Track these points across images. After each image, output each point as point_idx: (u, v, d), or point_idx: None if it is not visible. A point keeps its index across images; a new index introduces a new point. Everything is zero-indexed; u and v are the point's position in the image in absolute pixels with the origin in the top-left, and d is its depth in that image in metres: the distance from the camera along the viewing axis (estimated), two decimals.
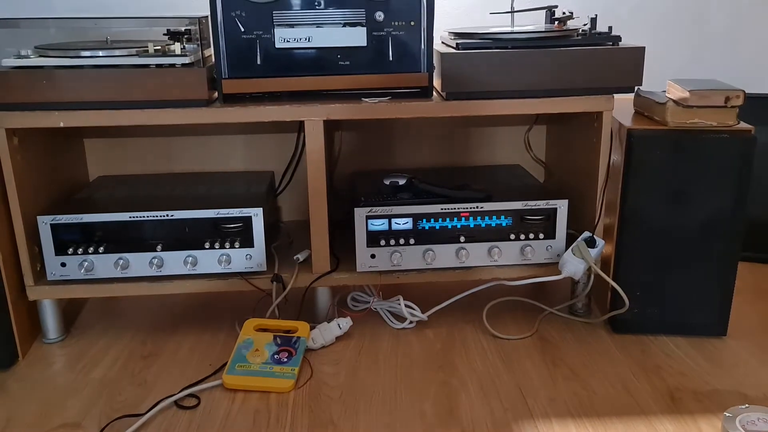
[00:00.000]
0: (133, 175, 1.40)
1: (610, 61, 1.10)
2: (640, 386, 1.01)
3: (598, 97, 1.11)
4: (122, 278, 1.14)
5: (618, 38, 1.12)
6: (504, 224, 1.17)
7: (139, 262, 1.13)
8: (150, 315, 1.27)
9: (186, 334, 1.19)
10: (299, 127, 1.12)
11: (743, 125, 1.07)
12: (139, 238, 1.13)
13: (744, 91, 1.05)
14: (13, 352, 1.11)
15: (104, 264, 1.12)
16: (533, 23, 1.28)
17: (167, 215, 1.12)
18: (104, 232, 1.12)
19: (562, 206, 1.17)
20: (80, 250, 1.11)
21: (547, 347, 1.13)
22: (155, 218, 1.12)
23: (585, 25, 1.18)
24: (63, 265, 1.12)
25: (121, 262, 1.12)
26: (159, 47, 1.11)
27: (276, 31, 1.08)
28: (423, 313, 1.20)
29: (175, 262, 1.14)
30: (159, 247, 1.13)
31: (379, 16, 1.09)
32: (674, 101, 1.08)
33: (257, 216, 1.14)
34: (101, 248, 1.12)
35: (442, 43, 1.24)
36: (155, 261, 1.13)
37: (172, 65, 1.08)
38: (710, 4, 1.52)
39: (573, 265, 1.12)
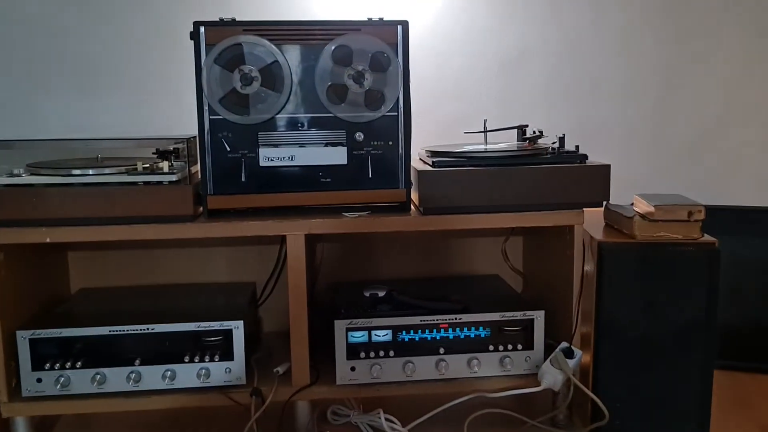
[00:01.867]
0: (115, 287, 1.41)
1: (578, 178, 1.16)
2: None
3: (569, 212, 1.16)
4: (98, 393, 1.12)
5: (585, 156, 1.19)
6: (483, 335, 1.19)
7: (116, 377, 1.12)
8: (125, 431, 1.24)
9: None
10: (282, 239, 1.16)
11: (707, 238, 1.12)
12: (118, 352, 1.12)
13: (704, 206, 1.11)
14: None
15: (81, 379, 1.11)
16: (505, 141, 1.36)
17: (147, 329, 1.13)
18: (83, 346, 1.12)
19: (538, 317, 1.19)
20: (57, 365, 1.10)
21: None
22: (135, 332, 1.13)
23: (554, 143, 1.26)
24: (39, 380, 1.11)
25: (98, 377, 1.11)
26: (148, 165, 1.15)
27: (261, 150, 1.13)
28: (404, 426, 1.18)
29: (153, 376, 1.13)
30: (137, 362, 1.12)
31: (359, 136, 1.15)
32: (641, 215, 1.13)
33: (238, 329, 1.14)
34: (79, 363, 1.11)
35: (420, 159, 1.30)
36: (133, 375, 1.12)
37: (160, 182, 1.12)
38: (676, 120, 1.62)
39: (552, 376, 1.13)
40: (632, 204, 1.20)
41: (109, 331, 1.12)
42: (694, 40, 1.60)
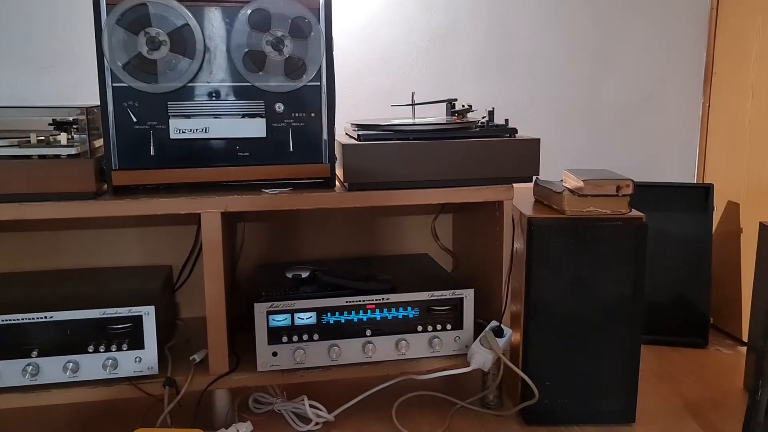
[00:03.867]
0: (11, 272, 1.29)
1: (508, 152, 1.13)
2: None
3: (498, 187, 1.13)
4: None
5: (514, 130, 1.16)
6: (411, 315, 1.14)
7: (10, 371, 1.02)
8: (24, 430, 1.13)
9: None
10: (198, 219, 1.08)
11: (635, 213, 1.11)
12: (13, 344, 1.02)
13: (633, 180, 1.10)
14: None
15: None
16: (434, 116, 1.31)
17: (45, 317, 1.03)
18: None
19: (468, 296, 1.15)
20: None
21: None
22: (31, 321, 1.02)
23: (483, 117, 1.22)
24: None
25: None
26: (43, 137, 1.05)
27: (171, 121, 1.04)
28: (329, 413, 1.13)
29: (53, 368, 1.03)
30: (35, 353, 1.02)
31: (279, 107, 1.08)
32: (570, 190, 1.11)
33: (149, 315, 1.06)
34: None
35: (345, 134, 1.24)
36: (30, 369, 1.02)
37: (57, 156, 1.01)
38: (605, 97, 1.62)
39: (481, 356, 1.10)
40: (562, 180, 1.18)
41: (2, 321, 1.02)
42: (624, 16, 1.60)
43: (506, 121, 1.19)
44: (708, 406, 1.21)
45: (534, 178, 1.18)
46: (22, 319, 1.02)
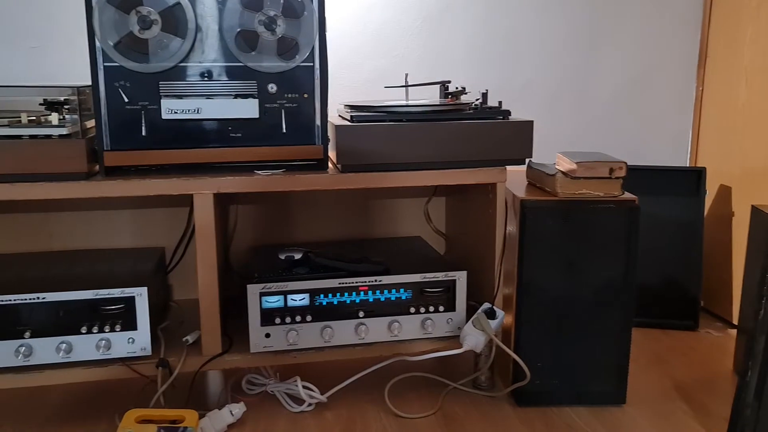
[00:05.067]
0: (5, 254, 1.29)
1: (501, 135, 1.13)
2: None
3: (491, 169, 1.13)
4: None
5: (507, 112, 1.16)
6: (404, 297, 1.15)
7: (3, 352, 1.02)
8: (17, 411, 1.14)
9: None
10: (191, 200, 1.08)
11: (628, 195, 1.11)
12: (6, 324, 1.02)
13: (626, 162, 1.10)
14: None
15: None
16: (427, 98, 1.31)
17: (38, 297, 1.02)
18: None
19: (460, 278, 1.16)
20: None
21: (451, 424, 1.09)
22: (24, 301, 1.02)
23: (477, 99, 1.22)
24: None
25: None
26: (34, 117, 1.04)
27: (163, 101, 1.04)
28: (322, 394, 1.13)
29: (45, 349, 1.03)
30: (27, 334, 1.02)
31: (272, 88, 1.07)
32: (563, 173, 1.11)
33: (141, 296, 1.06)
34: None
35: (339, 116, 1.23)
36: (22, 350, 1.02)
37: (48, 136, 1.01)
38: (598, 80, 1.62)
39: (474, 338, 1.10)
40: (555, 162, 1.18)
41: None
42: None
43: (500, 103, 1.19)
44: (698, 388, 1.22)
45: (527, 160, 1.18)
46: (15, 300, 1.02)
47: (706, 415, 1.13)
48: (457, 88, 1.26)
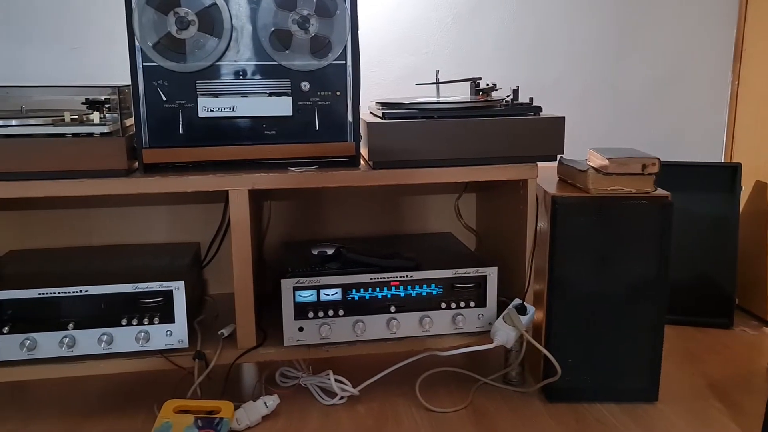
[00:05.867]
0: (48, 249, 1.33)
1: (532, 131, 1.13)
2: None
3: (522, 165, 1.13)
4: (29, 360, 1.06)
5: (539, 109, 1.16)
6: (435, 293, 1.16)
7: (48, 343, 1.05)
8: (61, 400, 1.18)
9: (100, 420, 1.11)
10: (226, 197, 1.10)
11: (661, 192, 1.10)
12: (50, 317, 1.06)
13: (659, 159, 1.09)
14: None
15: (9, 345, 1.04)
16: (458, 95, 1.31)
17: (81, 291, 1.06)
18: (12, 311, 1.05)
19: (491, 273, 1.16)
20: None
21: (481, 419, 1.10)
22: (67, 294, 1.06)
23: (508, 96, 1.22)
24: None
25: (27, 342, 1.04)
26: (76, 116, 1.07)
27: (200, 100, 1.06)
28: (354, 387, 1.15)
29: (88, 341, 1.07)
30: (71, 326, 1.06)
31: (305, 86, 1.09)
32: (595, 169, 1.11)
33: (179, 290, 1.09)
34: (6, 328, 1.04)
35: (370, 113, 1.25)
36: (66, 340, 1.05)
37: (90, 134, 1.04)
38: (630, 76, 1.60)
39: (504, 333, 1.11)
40: (586, 159, 1.17)
41: (39, 294, 1.05)
42: None
43: (531, 99, 1.19)
44: (732, 386, 1.21)
45: (558, 156, 1.18)
46: (59, 293, 1.06)
47: (740, 413, 1.12)
48: (487, 84, 1.26)
